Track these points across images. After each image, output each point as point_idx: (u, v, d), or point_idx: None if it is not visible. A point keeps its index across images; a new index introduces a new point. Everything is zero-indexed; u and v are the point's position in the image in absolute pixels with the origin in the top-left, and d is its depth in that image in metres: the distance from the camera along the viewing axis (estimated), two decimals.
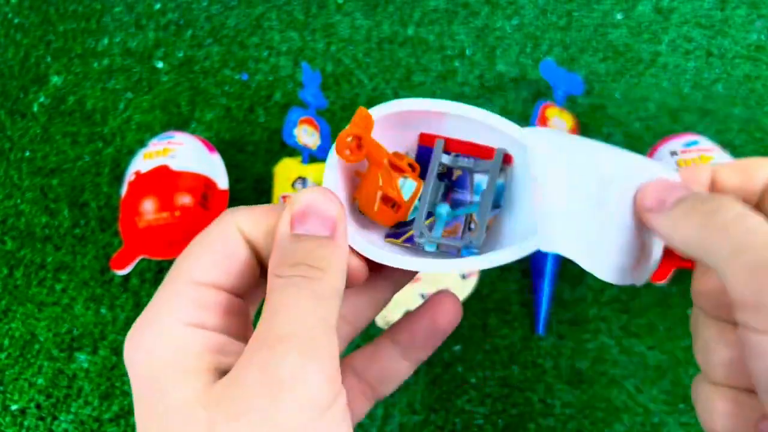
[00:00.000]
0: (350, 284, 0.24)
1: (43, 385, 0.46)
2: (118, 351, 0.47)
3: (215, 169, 0.49)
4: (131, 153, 0.54)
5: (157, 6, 0.61)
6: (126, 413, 0.45)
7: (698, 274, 0.25)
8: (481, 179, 0.29)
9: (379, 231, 0.29)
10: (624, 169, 0.26)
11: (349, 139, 0.26)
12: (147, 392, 0.20)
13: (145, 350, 0.20)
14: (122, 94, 0.57)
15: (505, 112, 0.54)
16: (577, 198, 0.27)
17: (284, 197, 0.48)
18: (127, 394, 0.46)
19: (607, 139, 0.53)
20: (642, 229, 0.26)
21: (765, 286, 0.19)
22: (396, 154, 0.28)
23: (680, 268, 0.46)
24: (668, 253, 0.46)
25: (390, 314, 0.43)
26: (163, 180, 0.46)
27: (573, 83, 0.52)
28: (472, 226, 0.28)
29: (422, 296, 0.43)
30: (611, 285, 0.47)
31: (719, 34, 0.56)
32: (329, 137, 0.52)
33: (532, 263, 0.47)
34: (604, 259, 0.26)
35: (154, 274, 0.50)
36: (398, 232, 0.29)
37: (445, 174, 0.29)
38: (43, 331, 0.48)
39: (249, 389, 0.18)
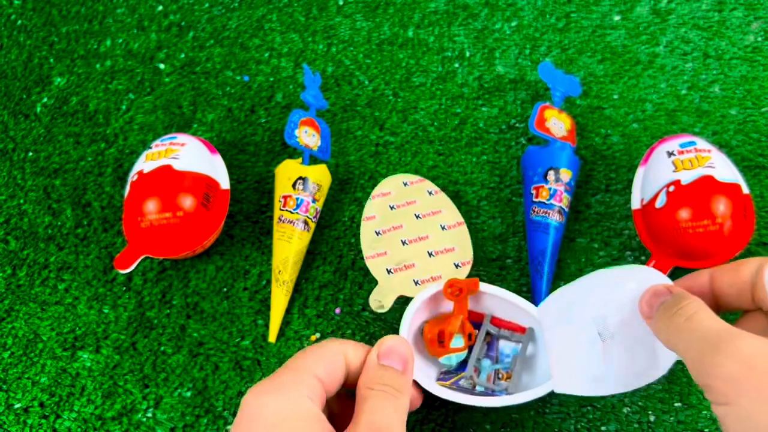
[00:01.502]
0: (410, 408, 0.34)
1: (46, 383, 0.47)
2: (120, 350, 0.48)
3: (217, 170, 0.49)
4: (133, 153, 0.55)
5: (159, 8, 0.62)
6: (128, 411, 0.46)
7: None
8: (503, 345, 0.43)
9: (431, 368, 0.43)
10: (615, 297, 0.36)
11: (453, 287, 0.42)
12: None
13: (278, 405, 0.28)
14: (124, 95, 0.58)
15: (503, 114, 0.55)
16: (578, 349, 0.37)
17: (285, 197, 0.48)
18: (130, 392, 0.46)
19: (605, 139, 0.53)
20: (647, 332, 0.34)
21: (708, 373, 0.26)
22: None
23: (677, 267, 0.46)
24: (664, 252, 0.47)
25: (384, 299, 0.44)
26: (166, 180, 0.46)
27: (571, 85, 0.52)
28: (500, 375, 0.42)
29: (415, 282, 0.44)
30: None
31: (716, 36, 0.57)
32: (329, 138, 0.52)
33: (530, 261, 0.47)
34: (616, 377, 0.36)
35: (156, 273, 0.50)
36: (446, 377, 0.42)
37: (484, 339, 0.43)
38: (46, 330, 0.49)
39: None
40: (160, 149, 0.49)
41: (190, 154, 0.49)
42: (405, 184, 0.49)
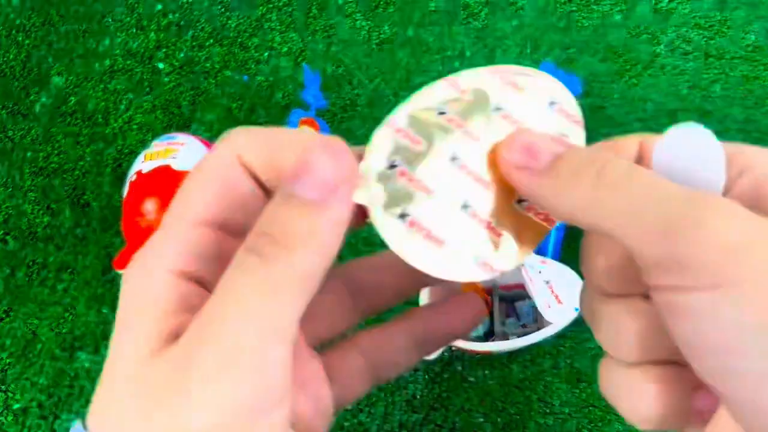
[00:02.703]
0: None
1: (44, 384, 0.47)
2: None
3: None
4: (132, 153, 0.55)
5: (159, 7, 0.61)
6: None
7: (591, 250, 0.21)
8: (519, 305, 0.48)
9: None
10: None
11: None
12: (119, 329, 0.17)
13: (127, 292, 0.17)
14: (123, 95, 0.57)
15: None
16: None
17: None
18: None
19: (605, 139, 0.53)
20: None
21: (678, 243, 0.16)
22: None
23: None
24: None
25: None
26: (165, 180, 0.46)
27: (572, 84, 0.52)
28: (526, 326, 0.47)
29: None
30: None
31: (718, 35, 0.57)
32: None
33: None
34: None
35: None
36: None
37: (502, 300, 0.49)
38: (44, 331, 0.48)
39: (161, 386, 0.16)
40: (159, 149, 0.48)
41: (190, 154, 0.48)
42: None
